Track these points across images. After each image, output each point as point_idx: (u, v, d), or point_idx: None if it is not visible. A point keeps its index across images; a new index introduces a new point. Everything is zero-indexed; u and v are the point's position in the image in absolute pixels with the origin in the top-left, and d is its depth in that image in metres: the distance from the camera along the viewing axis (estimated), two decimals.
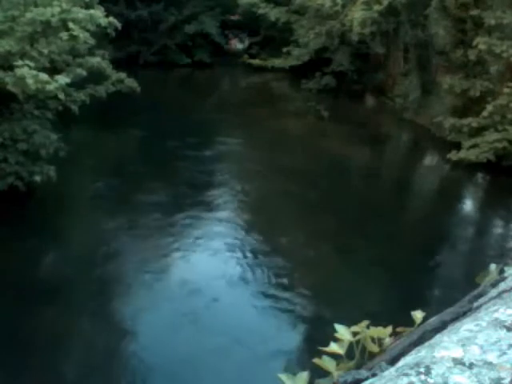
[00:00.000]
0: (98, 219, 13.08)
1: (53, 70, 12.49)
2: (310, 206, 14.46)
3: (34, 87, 11.10)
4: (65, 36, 12.27)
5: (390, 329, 1.50)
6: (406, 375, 0.96)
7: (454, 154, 17.41)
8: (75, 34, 12.28)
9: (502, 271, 1.72)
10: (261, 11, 28.11)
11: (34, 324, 9.12)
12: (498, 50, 16.94)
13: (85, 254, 11.54)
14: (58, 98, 11.97)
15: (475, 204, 17.24)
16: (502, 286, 1.50)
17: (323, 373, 1.35)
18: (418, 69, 22.42)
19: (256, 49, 30.78)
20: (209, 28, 28.85)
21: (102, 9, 14.26)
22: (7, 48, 11.69)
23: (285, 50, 27.52)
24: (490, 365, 0.97)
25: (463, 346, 1.04)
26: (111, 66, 16.37)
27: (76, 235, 12.62)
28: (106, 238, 12.34)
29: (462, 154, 17.28)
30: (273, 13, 27.97)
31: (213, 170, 16.65)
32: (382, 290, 10.88)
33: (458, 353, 1.01)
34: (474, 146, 17.29)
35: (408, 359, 1.10)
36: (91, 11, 12.83)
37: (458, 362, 0.98)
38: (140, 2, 27.80)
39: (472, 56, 18.11)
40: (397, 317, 1.97)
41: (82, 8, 12.98)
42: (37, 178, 12.61)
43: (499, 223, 15.58)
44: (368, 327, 1.46)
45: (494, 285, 1.55)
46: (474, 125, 17.58)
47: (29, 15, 12.01)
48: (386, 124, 22.76)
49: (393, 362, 1.21)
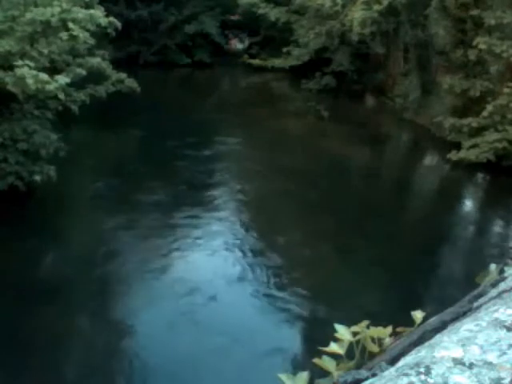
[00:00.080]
0: (98, 219, 13.08)
1: (53, 70, 12.49)
2: (309, 206, 14.46)
3: (34, 87, 11.09)
4: (65, 36, 12.26)
5: (389, 329, 1.50)
6: (406, 375, 0.96)
7: (453, 154, 17.41)
8: (75, 34, 12.27)
9: (502, 271, 1.72)
10: (261, 11, 28.11)
11: (33, 323, 9.11)
12: (498, 50, 16.93)
13: (85, 254, 11.54)
14: (58, 97, 11.97)
15: (475, 204, 17.24)
16: (502, 285, 1.50)
17: (323, 373, 1.35)
18: (418, 69, 22.42)
19: (256, 49, 30.77)
20: (209, 28, 28.85)
21: (102, 9, 14.26)
22: (7, 48, 11.68)
23: (285, 49, 27.52)
24: (490, 365, 0.97)
25: (463, 346, 1.04)
26: (111, 66, 16.37)
27: (76, 235, 12.62)
28: (106, 237, 12.34)
29: (462, 154, 17.28)
30: (273, 13, 27.97)
31: (213, 170, 16.64)
32: (382, 290, 10.88)
33: (457, 353, 1.01)
34: (473, 146, 17.29)
35: (408, 359, 1.10)
36: (91, 11, 12.82)
37: (457, 362, 0.98)
38: (140, 2, 27.80)
39: (472, 56, 18.11)
40: (397, 317, 1.97)
41: (82, 8, 12.97)
42: (37, 177, 12.61)
43: (499, 223, 15.57)
44: (368, 327, 1.46)
45: (494, 285, 1.55)
46: (474, 125, 17.58)
47: (29, 15, 12.00)
48: (386, 124, 22.75)
49: (393, 362, 1.21)
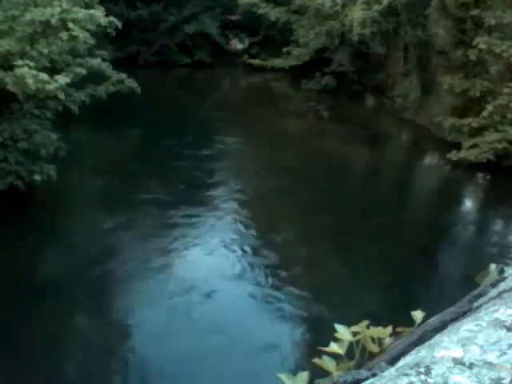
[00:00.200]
0: (98, 218, 13.09)
1: (53, 70, 12.48)
2: (309, 206, 14.45)
3: (33, 87, 11.09)
4: (65, 36, 12.25)
5: (389, 329, 1.50)
6: (406, 375, 0.96)
7: (453, 154, 17.41)
8: (75, 34, 12.27)
9: (502, 271, 1.72)
10: (261, 11, 28.11)
11: (33, 323, 9.12)
12: (498, 50, 16.93)
13: (85, 253, 11.53)
14: (58, 97, 11.96)
15: (475, 204, 17.24)
16: (502, 285, 1.50)
17: (323, 373, 1.35)
18: (418, 69, 22.41)
19: (256, 49, 30.76)
20: (209, 28, 28.84)
21: (102, 8, 14.26)
22: (7, 48, 11.68)
23: (285, 49, 27.52)
24: (490, 365, 0.97)
25: (463, 346, 1.04)
26: (111, 66, 16.37)
27: (76, 234, 12.61)
28: (106, 237, 12.34)
29: (462, 154, 17.28)
30: (273, 13, 27.98)
31: (212, 170, 16.62)
32: (382, 290, 10.88)
33: (458, 353, 1.01)
34: (473, 146, 17.29)
35: (408, 359, 1.10)
36: (91, 11, 12.81)
37: (458, 362, 0.98)
38: (140, 2, 27.79)
39: (472, 56, 18.10)
40: (396, 316, 1.97)
41: (82, 8, 12.96)
42: (37, 177, 12.60)
43: (499, 223, 15.57)
44: (368, 327, 1.46)
45: (494, 285, 1.55)
46: (474, 125, 17.57)
47: (29, 15, 11.99)
48: (386, 124, 22.75)
49: (393, 362, 1.21)
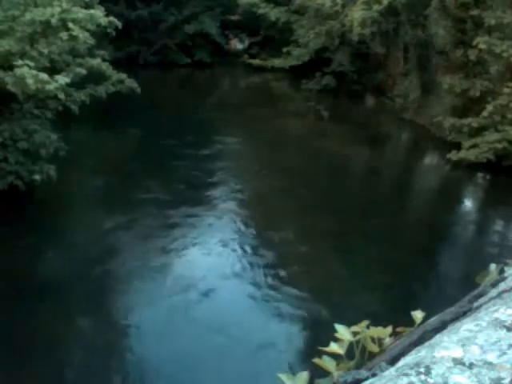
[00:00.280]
0: (98, 218, 13.09)
1: (53, 70, 12.48)
2: (309, 206, 14.45)
3: (33, 87, 11.08)
4: (65, 36, 12.25)
5: (389, 329, 1.50)
6: (406, 375, 0.96)
7: (453, 154, 17.41)
8: (75, 34, 12.26)
9: (502, 271, 1.72)
10: (261, 11, 28.12)
11: (34, 323, 9.12)
12: (498, 50, 16.93)
13: (85, 253, 11.53)
14: (58, 97, 11.96)
15: (475, 204, 17.23)
16: (502, 285, 1.50)
17: (323, 373, 1.35)
18: (418, 69, 22.41)
19: (256, 49, 30.77)
20: (209, 28, 28.84)
21: (102, 8, 14.25)
22: (7, 48, 11.68)
23: (285, 49, 27.52)
24: (490, 365, 0.97)
25: (463, 346, 1.04)
26: (111, 66, 16.35)
27: (76, 234, 12.61)
28: (106, 236, 12.34)
29: (462, 154, 17.28)
30: (273, 13, 27.98)
31: (212, 170, 16.62)
32: (382, 290, 10.88)
33: (458, 353, 1.01)
34: (473, 146, 17.28)
35: (408, 359, 1.10)
36: (91, 11, 12.81)
37: (458, 362, 0.98)
38: (140, 2, 27.79)
39: (472, 56, 18.10)
40: (396, 316, 1.97)
41: (82, 8, 12.96)
42: (37, 177, 12.59)
43: (499, 223, 15.57)
44: (368, 327, 1.46)
45: (494, 285, 1.55)
46: (474, 125, 17.57)
47: (29, 15, 11.98)
48: (386, 124, 22.75)
49: (393, 362, 1.21)
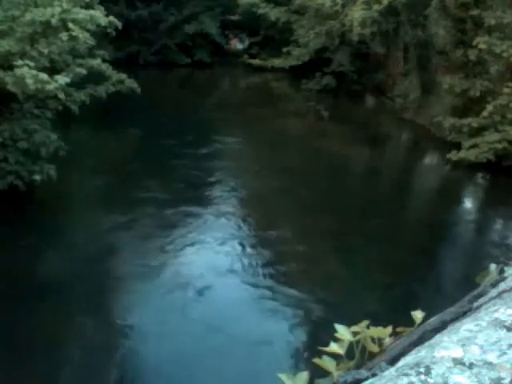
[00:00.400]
0: (98, 218, 13.09)
1: (53, 70, 12.48)
2: (308, 206, 14.45)
3: (33, 87, 11.08)
4: (65, 36, 12.25)
5: (389, 329, 1.50)
6: (406, 375, 0.96)
7: (453, 154, 17.40)
8: (75, 34, 12.26)
9: (502, 271, 1.72)
10: (261, 11, 28.11)
11: (34, 323, 9.13)
12: (498, 50, 16.92)
13: (84, 253, 11.53)
14: (58, 97, 11.96)
15: (475, 204, 17.23)
16: (502, 285, 1.50)
17: (323, 373, 1.35)
18: (418, 69, 22.41)
19: (256, 49, 30.76)
20: (209, 28, 28.84)
21: (102, 8, 14.25)
22: (7, 48, 11.68)
23: (285, 49, 27.51)
24: (490, 365, 0.97)
25: (463, 346, 1.04)
26: (111, 66, 16.35)
27: (76, 234, 12.61)
28: (106, 236, 12.34)
29: (462, 154, 17.27)
30: (273, 13, 27.97)
31: (212, 170, 16.63)
32: (382, 290, 10.88)
33: (458, 353, 1.01)
34: (473, 146, 17.28)
35: (408, 359, 1.10)
36: (91, 12, 12.80)
37: (458, 362, 0.98)
38: (140, 2, 27.79)
39: (472, 56, 18.09)
40: (396, 316, 1.97)
41: (83, 8, 12.95)
42: (37, 177, 12.59)
43: (499, 223, 15.57)
44: (368, 327, 1.46)
45: (494, 285, 1.55)
46: (474, 125, 17.56)
47: (29, 15, 11.98)
48: (386, 124, 22.75)
49: (393, 362, 1.21)
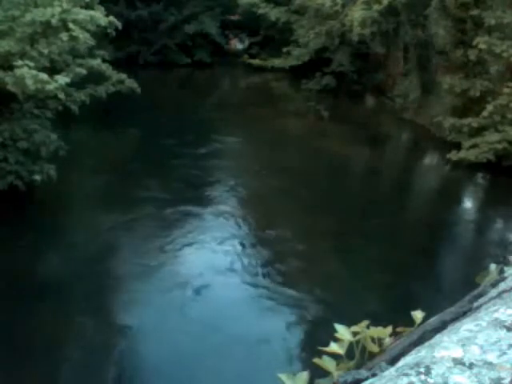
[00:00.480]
0: (98, 218, 13.08)
1: (53, 70, 12.48)
2: (308, 206, 14.45)
3: (33, 87, 11.08)
4: (65, 36, 12.25)
5: (389, 329, 1.50)
6: (406, 375, 0.96)
7: (453, 154, 17.40)
8: (75, 34, 12.26)
9: (502, 271, 1.72)
10: (261, 11, 28.10)
11: (34, 323, 9.13)
12: (498, 50, 16.92)
13: (84, 253, 11.53)
14: (58, 97, 11.96)
15: (475, 204, 17.23)
16: (502, 285, 1.50)
17: (323, 373, 1.35)
18: (418, 69, 22.41)
19: (256, 49, 30.75)
20: (209, 28, 28.84)
21: (103, 9, 14.25)
22: (7, 48, 11.68)
23: (285, 49, 27.50)
24: (490, 365, 0.97)
25: (463, 346, 1.04)
26: (111, 66, 16.35)
27: (76, 234, 12.60)
28: (106, 236, 12.34)
29: (462, 154, 17.27)
30: (273, 13, 27.97)
31: (212, 170, 16.64)
32: (382, 290, 10.88)
33: (458, 353, 1.01)
34: (473, 146, 17.27)
35: (408, 359, 1.10)
36: (91, 12, 12.80)
37: (458, 362, 0.98)
38: (140, 2, 27.78)
39: (472, 56, 18.09)
40: (396, 316, 1.97)
41: (83, 8, 12.95)
42: (37, 177, 12.59)
43: (499, 223, 15.57)
44: (368, 327, 1.46)
45: (494, 285, 1.55)
46: (474, 125, 17.56)
47: (29, 16, 11.97)
48: (386, 124, 22.74)
49: (393, 362, 1.21)
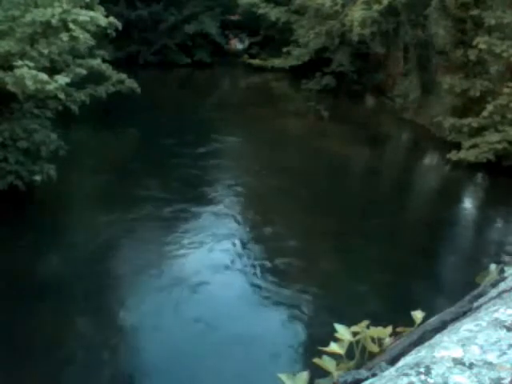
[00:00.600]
0: (98, 218, 13.07)
1: (53, 70, 12.48)
2: (308, 206, 14.45)
3: (33, 87, 11.08)
4: (65, 37, 12.25)
5: (389, 329, 1.50)
6: (406, 375, 0.96)
7: (453, 154, 17.40)
8: (75, 34, 12.26)
9: (502, 271, 1.72)
10: (261, 11, 28.11)
11: (34, 323, 9.13)
12: (498, 50, 16.92)
13: (84, 253, 11.54)
14: (58, 97, 11.96)
15: (475, 204, 17.23)
16: (502, 285, 1.50)
17: (323, 373, 1.35)
18: (418, 69, 22.41)
19: (256, 49, 30.75)
20: (209, 28, 28.84)
21: (103, 9, 14.25)
22: (7, 48, 11.68)
23: (285, 49, 27.51)
24: (490, 365, 0.97)
25: (463, 346, 1.04)
26: (111, 66, 16.35)
27: (76, 234, 12.61)
28: (106, 236, 12.33)
29: (462, 154, 17.26)
30: (273, 13, 27.98)
31: (212, 170, 16.63)
32: (382, 290, 10.88)
33: (458, 353, 1.01)
34: (473, 146, 17.27)
35: (408, 359, 1.10)
36: (91, 12, 12.79)
37: (458, 362, 0.98)
38: (140, 2, 27.78)
39: (472, 56, 18.09)
40: (396, 316, 1.97)
41: (83, 8, 12.95)
42: (37, 177, 12.59)
43: (499, 223, 15.57)
44: (368, 327, 1.46)
45: (494, 285, 1.55)
46: (474, 125, 17.56)
47: (29, 16, 11.98)
48: (386, 124, 22.74)
49: (393, 362, 1.21)
